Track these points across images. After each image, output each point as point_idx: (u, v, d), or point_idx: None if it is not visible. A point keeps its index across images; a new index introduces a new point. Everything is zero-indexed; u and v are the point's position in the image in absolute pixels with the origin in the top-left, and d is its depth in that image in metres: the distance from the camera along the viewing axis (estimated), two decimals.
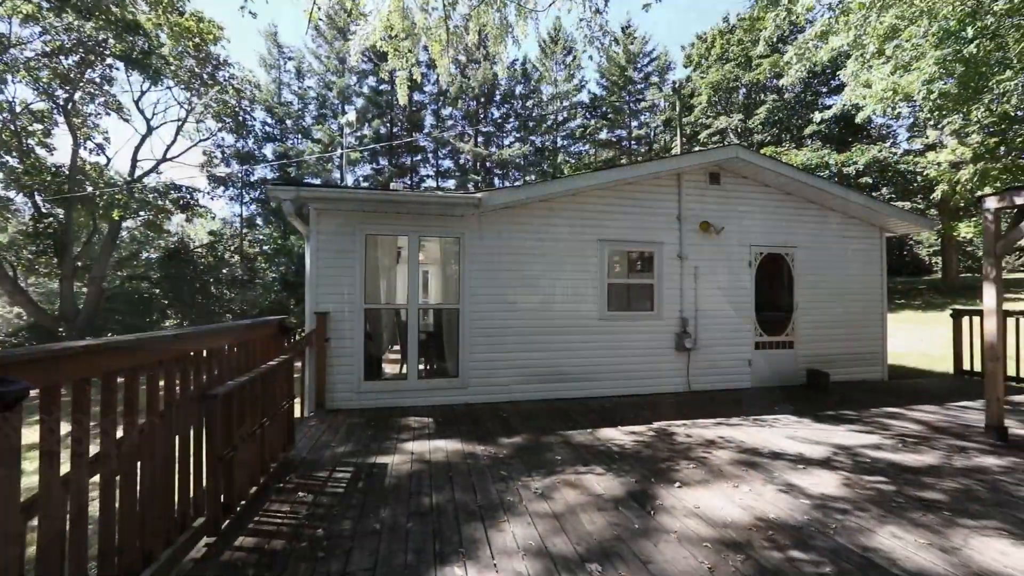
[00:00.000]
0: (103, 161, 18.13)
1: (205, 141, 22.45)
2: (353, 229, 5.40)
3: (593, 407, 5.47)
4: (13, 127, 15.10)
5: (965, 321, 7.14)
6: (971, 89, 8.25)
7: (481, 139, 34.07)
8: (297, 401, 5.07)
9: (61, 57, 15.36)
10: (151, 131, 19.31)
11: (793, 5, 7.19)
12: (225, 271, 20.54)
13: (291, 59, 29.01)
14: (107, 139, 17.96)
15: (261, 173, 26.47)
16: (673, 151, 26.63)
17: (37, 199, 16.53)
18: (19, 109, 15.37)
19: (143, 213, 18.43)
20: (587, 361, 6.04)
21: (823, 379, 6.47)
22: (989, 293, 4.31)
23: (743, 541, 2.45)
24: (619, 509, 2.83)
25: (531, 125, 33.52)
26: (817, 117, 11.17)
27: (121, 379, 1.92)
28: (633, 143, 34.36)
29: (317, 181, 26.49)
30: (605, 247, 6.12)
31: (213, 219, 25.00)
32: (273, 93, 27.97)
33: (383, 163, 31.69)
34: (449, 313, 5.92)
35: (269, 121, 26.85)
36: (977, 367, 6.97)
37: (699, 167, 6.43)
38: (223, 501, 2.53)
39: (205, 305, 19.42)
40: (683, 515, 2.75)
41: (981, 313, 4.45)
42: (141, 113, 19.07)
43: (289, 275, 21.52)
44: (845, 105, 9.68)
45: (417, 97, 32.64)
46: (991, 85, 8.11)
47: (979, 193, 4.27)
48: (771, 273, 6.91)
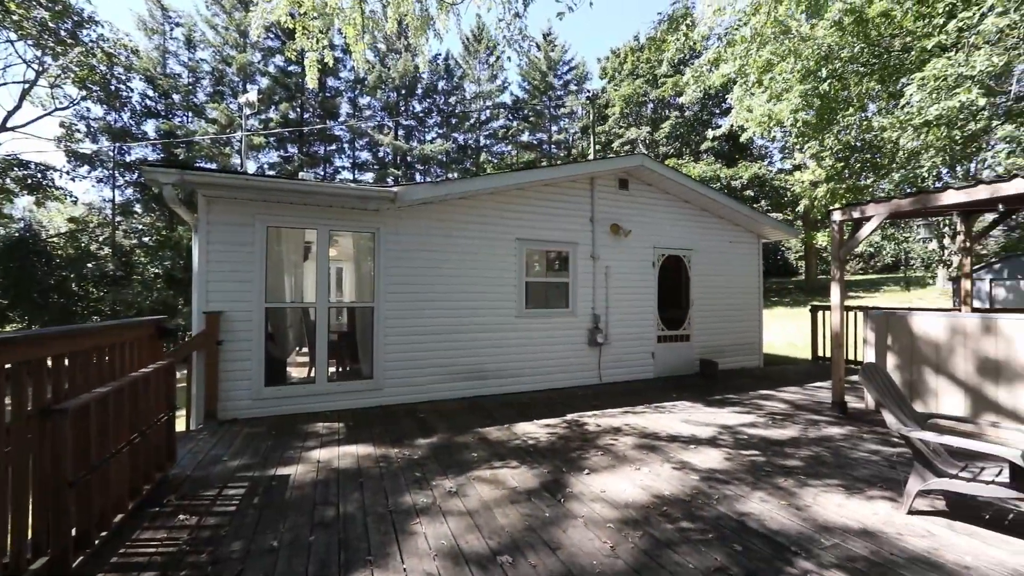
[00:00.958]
0: None
1: (63, 110, 18.97)
2: (252, 220, 4.90)
3: (511, 403, 5.57)
4: None
5: (820, 315, 8.49)
6: (825, 120, 9.80)
7: (402, 132, 32.98)
8: (182, 413, 4.50)
9: None
10: None
11: (690, 32, 7.99)
12: (91, 265, 17.45)
13: (179, 25, 25.49)
14: None
15: (141, 153, 22.94)
16: (588, 157, 28.11)
17: None
18: None
19: None
20: (506, 358, 6.13)
21: (713, 368, 7.27)
22: (835, 291, 5.17)
23: (641, 518, 2.66)
24: (532, 500, 2.91)
25: (454, 122, 33.21)
26: (711, 135, 12.46)
27: None
28: (553, 147, 35.62)
29: (212, 166, 23.62)
30: (523, 246, 6.26)
31: (74, 203, 21.17)
32: (156, 62, 24.35)
33: (292, 151, 29.26)
34: (363, 312, 5.64)
35: (151, 94, 23.31)
36: (828, 354, 8.33)
37: (610, 172, 6.85)
38: (75, 534, 2.14)
39: (63, 305, 16.34)
40: (590, 500, 2.91)
41: (830, 308, 5.32)
42: None
43: (176, 271, 18.92)
44: (732, 126, 10.95)
45: (332, 83, 30.67)
46: (838, 119, 9.73)
47: (830, 208, 5.08)
48: (671, 273, 7.60)
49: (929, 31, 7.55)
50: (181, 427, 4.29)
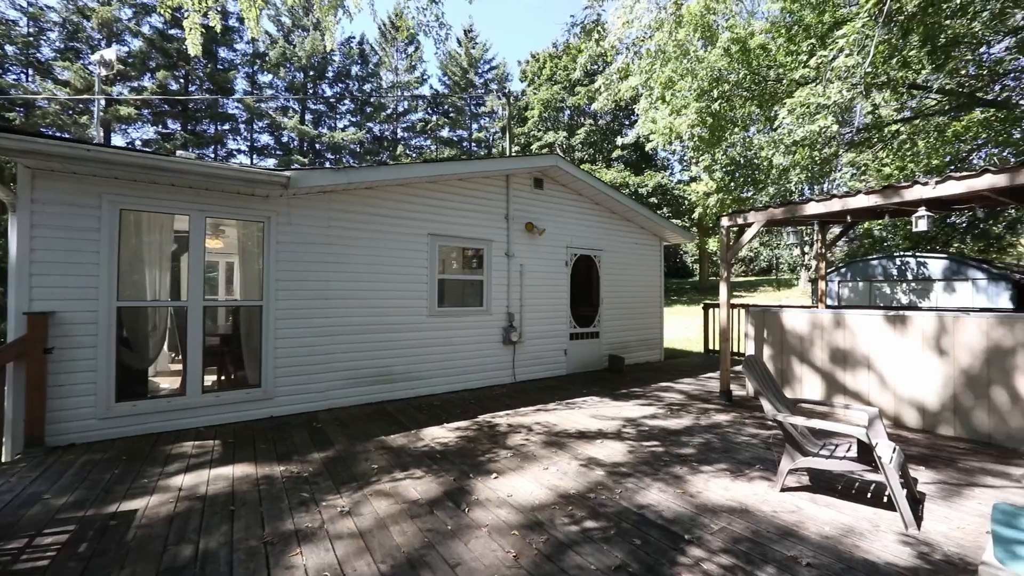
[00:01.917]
0: None
1: None
2: (99, 201, 4.03)
3: (422, 406, 5.29)
4: None
5: (710, 312, 9.39)
6: (716, 137, 10.89)
7: (310, 117, 30.46)
8: None
9: None
10: None
11: (602, 41, 8.36)
12: None
13: None
14: None
15: None
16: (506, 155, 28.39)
17: None
18: None
19: None
20: (417, 359, 5.83)
21: (620, 363, 7.65)
22: (723, 291, 5.68)
23: (547, 521, 2.60)
24: (434, 512, 2.71)
25: (369, 111, 31.47)
26: (619, 142, 13.21)
27: None
28: (473, 145, 35.46)
29: (66, 136, 19.64)
30: (436, 242, 6.00)
31: None
32: None
33: (174, 127, 25.51)
34: (250, 312, 4.96)
35: None
36: (718, 347, 9.25)
37: (526, 171, 6.86)
38: None
39: None
40: (496, 506, 2.79)
41: (719, 306, 5.83)
42: None
43: None
44: (639, 136, 11.72)
45: (226, 54, 27.29)
46: (727, 136, 10.88)
47: (720, 215, 5.55)
48: (583, 273, 7.85)
49: (795, 65, 8.72)
50: None
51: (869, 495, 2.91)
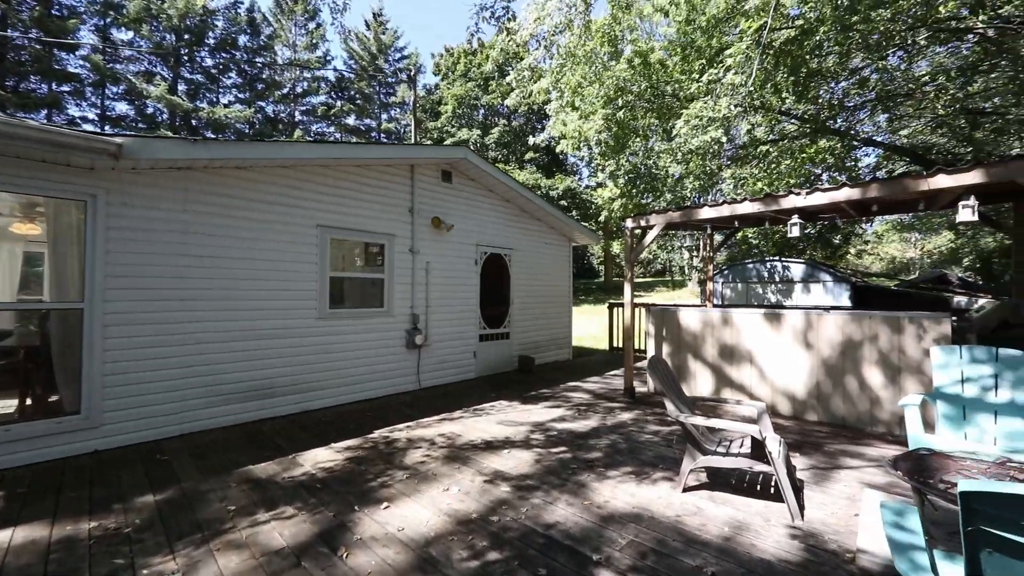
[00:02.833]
0: None
1: None
2: None
3: (308, 423, 4.58)
4: None
5: (615, 312, 9.78)
6: (620, 144, 11.42)
7: (185, 88, 26.30)
8: None
9: None
10: None
11: (513, 35, 8.23)
12: None
13: None
14: None
15: None
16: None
17: None
18: None
19: None
20: (304, 368, 5.07)
21: (530, 363, 7.55)
22: (627, 290, 5.81)
23: (441, 558, 2.24)
24: (301, 564, 2.19)
25: (261, 88, 28.14)
26: (531, 141, 13.32)
27: None
28: (383, 135, 33.63)
29: None
30: (327, 235, 5.28)
31: None
32: None
33: None
34: (64, 318, 3.84)
35: None
36: (622, 344, 9.66)
37: (433, 162, 6.40)
38: None
39: None
40: (383, 545, 2.35)
41: (623, 305, 5.96)
42: None
43: None
44: (551, 137, 11.87)
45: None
46: (630, 144, 11.48)
47: (625, 217, 5.67)
48: (493, 271, 7.60)
49: (689, 83, 9.45)
50: None
51: (759, 487, 3.02)
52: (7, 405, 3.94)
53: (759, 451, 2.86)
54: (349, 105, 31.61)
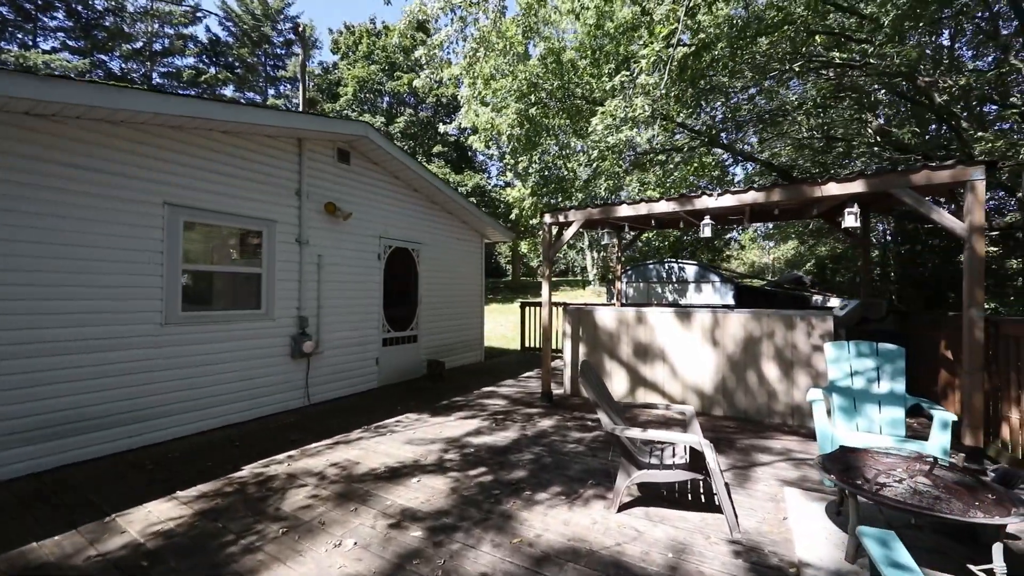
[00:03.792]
0: None
1: None
2: None
3: (145, 463, 3.47)
4: None
5: (527, 311, 9.59)
6: (532, 142, 11.30)
7: None
8: None
9: None
10: None
11: (424, 8, 7.54)
12: None
13: None
14: None
15: None
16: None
17: None
18: None
19: None
20: (144, 390, 3.87)
21: (440, 367, 6.93)
22: (545, 288, 5.54)
23: None
24: None
25: (101, 36, 22.95)
26: (442, 129, 12.67)
27: None
28: None
29: None
30: (179, 216, 4.11)
31: None
32: None
33: None
34: None
35: None
36: (535, 344, 9.51)
37: (327, 136, 5.45)
38: None
39: None
40: None
41: (539, 304, 5.68)
42: None
43: None
44: (462, 128, 11.31)
45: None
46: (541, 141, 11.43)
47: (544, 211, 5.40)
48: (399, 268, 6.84)
49: (599, 87, 9.63)
50: None
51: (690, 497, 2.87)
52: None
53: (695, 461, 2.68)
54: (226, 73, 27.43)
